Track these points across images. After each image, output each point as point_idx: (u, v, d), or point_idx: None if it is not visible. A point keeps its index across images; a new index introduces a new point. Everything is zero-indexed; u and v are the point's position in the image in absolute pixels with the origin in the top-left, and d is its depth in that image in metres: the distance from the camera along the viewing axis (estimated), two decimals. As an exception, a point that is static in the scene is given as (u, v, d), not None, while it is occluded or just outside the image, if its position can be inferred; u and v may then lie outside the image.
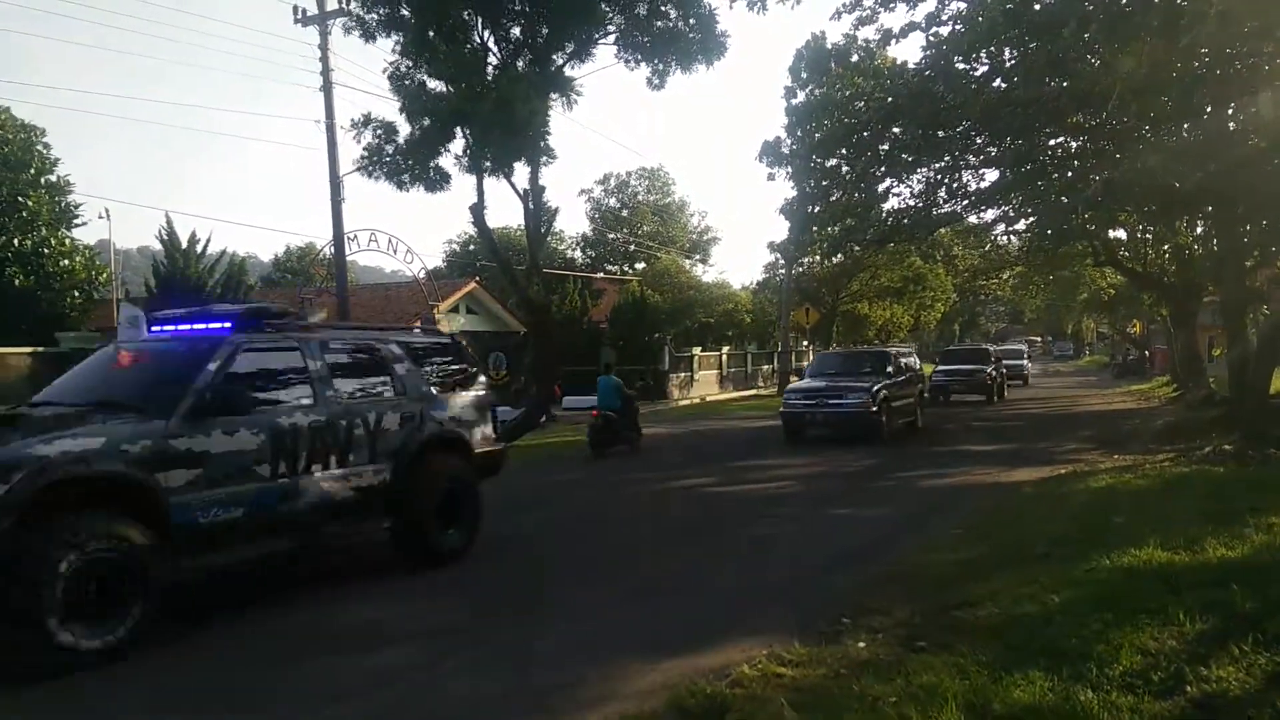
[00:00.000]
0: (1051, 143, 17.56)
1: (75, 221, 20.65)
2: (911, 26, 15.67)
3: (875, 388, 17.72)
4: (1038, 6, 13.56)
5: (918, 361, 23.45)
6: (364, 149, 18.22)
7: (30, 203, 18.94)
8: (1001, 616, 5.61)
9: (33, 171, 19.33)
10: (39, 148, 19.63)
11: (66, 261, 19.62)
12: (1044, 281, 41.39)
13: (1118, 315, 49.87)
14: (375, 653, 5.78)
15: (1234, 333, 17.80)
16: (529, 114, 16.65)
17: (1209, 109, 14.28)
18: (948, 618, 5.75)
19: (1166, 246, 26.37)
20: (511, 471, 15.28)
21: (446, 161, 18.58)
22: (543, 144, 18.05)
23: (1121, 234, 27.41)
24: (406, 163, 18.22)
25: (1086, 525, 8.21)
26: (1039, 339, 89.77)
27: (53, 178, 19.92)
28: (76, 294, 19.98)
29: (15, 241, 18.81)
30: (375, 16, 17.97)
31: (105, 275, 22.64)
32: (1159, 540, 6.93)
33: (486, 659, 5.63)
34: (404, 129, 18.29)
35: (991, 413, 26.07)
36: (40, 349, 17.00)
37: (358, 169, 18.26)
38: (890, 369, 19.04)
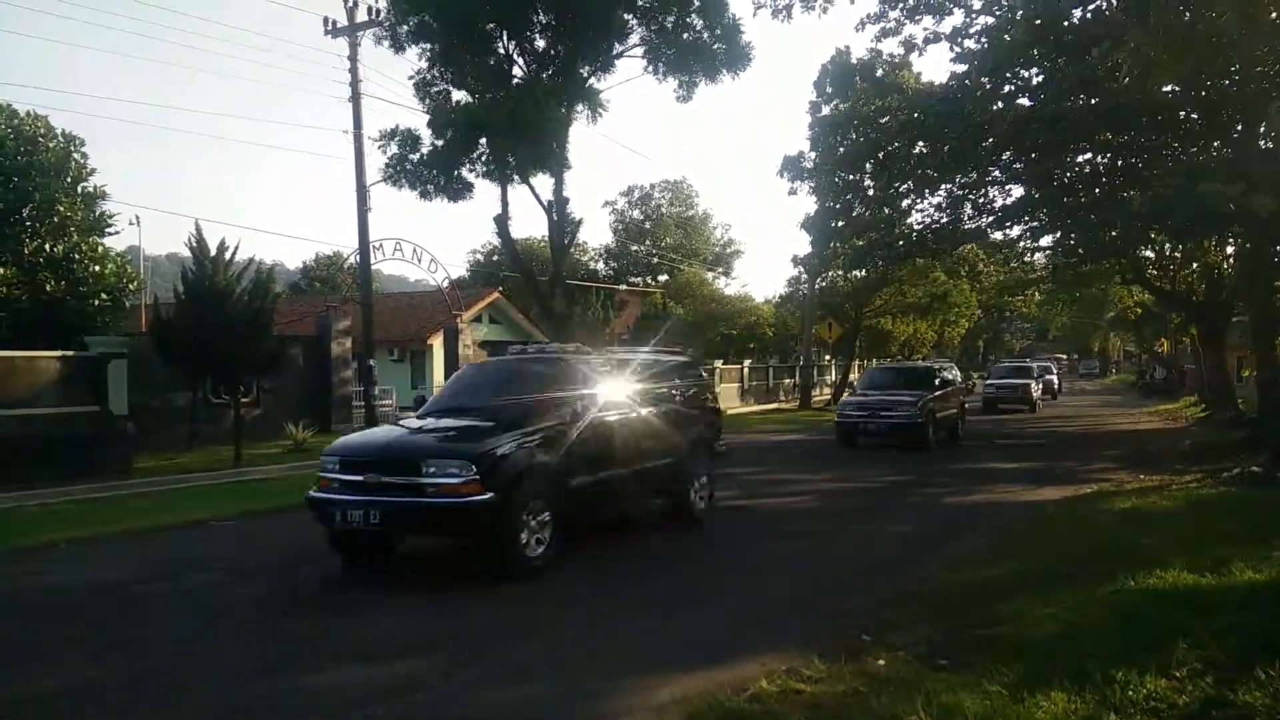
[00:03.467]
0: (1079, 160, 17.47)
1: (108, 230, 20.93)
2: (935, 38, 15.64)
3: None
4: (1067, 24, 13.49)
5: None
6: (389, 159, 18.40)
7: (63, 209, 19.21)
8: (1025, 636, 5.56)
9: (69, 179, 19.61)
10: (76, 156, 19.91)
11: (97, 268, 19.87)
12: (1070, 299, 41.15)
13: (1145, 334, 49.42)
14: (394, 662, 5.79)
15: (1263, 353, 17.58)
16: (550, 124, 16.75)
17: (1239, 127, 14.17)
18: (970, 636, 5.70)
19: (1195, 265, 26.12)
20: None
21: (470, 173, 18.73)
22: (564, 154, 18.12)
23: (1149, 252, 27.19)
24: (430, 173, 18.37)
25: (1112, 546, 8.13)
26: (1065, 357, 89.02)
27: (88, 186, 20.20)
28: (106, 299, 20.22)
29: (48, 247, 19.07)
30: (406, 28, 18.17)
31: (135, 281, 22.90)
32: (1185, 562, 6.85)
33: (504, 671, 5.63)
34: (428, 140, 18.45)
35: (1017, 430, 25.86)
36: (70, 353, 17.23)
37: (383, 179, 18.44)
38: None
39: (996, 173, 18.36)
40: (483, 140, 17.89)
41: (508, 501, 7.56)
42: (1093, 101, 14.11)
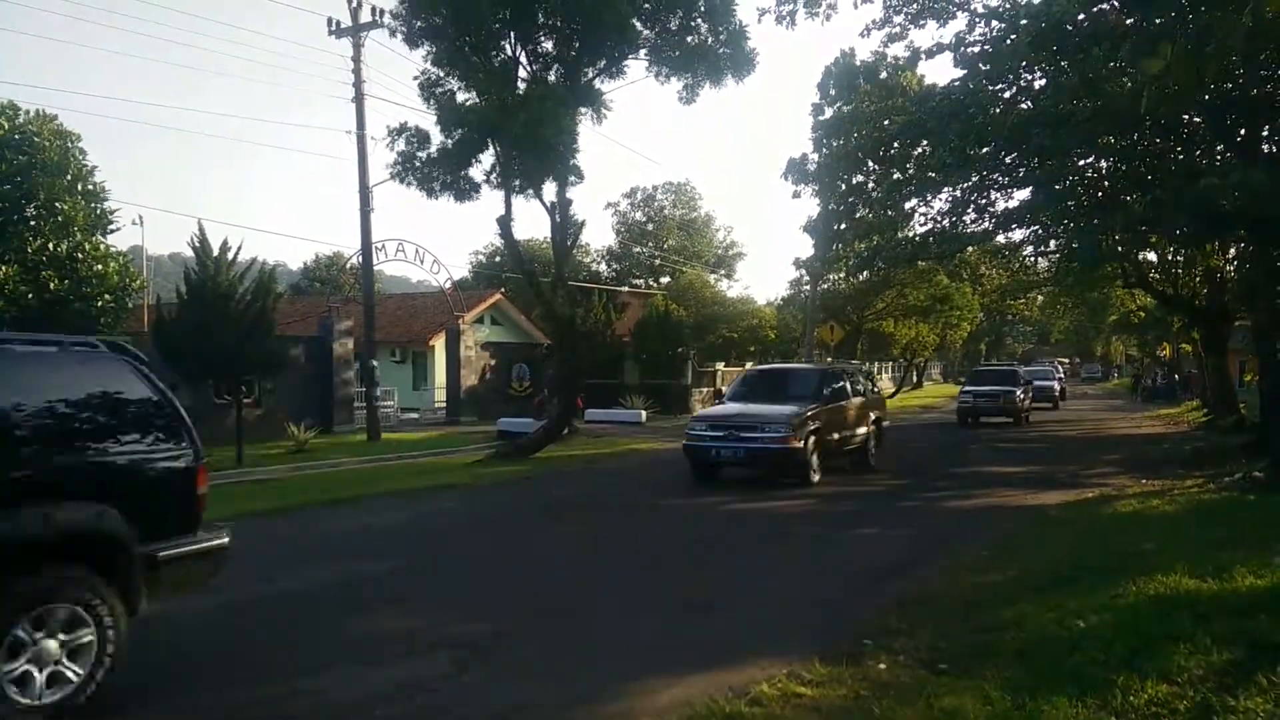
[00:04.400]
0: (1082, 163, 17.45)
1: (110, 227, 20.93)
2: (940, 48, 15.69)
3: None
4: (1070, 28, 13.49)
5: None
6: (397, 155, 18.40)
7: (66, 208, 19.23)
8: (1026, 641, 5.56)
9: (69, 177, 19.61)
10: (75, 154, 19.91)
11: (100, 266, 19.87)
12: (1073, 302, 41.15)
13: (1147, 338, 49.37)
14: (399, 663, 5.79)
15: (1266, 358, 17.56)
16: (558, 132, 16.75)
17: (1243, 131, 14.16)
18: (972, 641, 5.70)
19: (1198, 269, 26.10)
20: (532, 482, 15.40)
21: (476, 173, 18.75)
22: (572, 162, 18.12)
23: (1152, 256, 27.17)
24: (437, 171, 18.37)
25: (1114, 551, 8.13)
26: (1067, 360, 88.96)
27: (90, 185, 20.20)
28: (109, 298, 20.22)
29: (51, 246, 19.07)
30: (420, 23, 18.17)
31: (139, 281, 22.91)
32: (1187, 567, 6.85)
33: (507, 671, 5.64)
34: (436, 138, 18.47)
35: (1018, 434, 25.86)
36: (72, 352, 17.21)
37: (391, 175, 18.45)
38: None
39: (998, 176, 18.35)
40: (491, 144, 17.91)
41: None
42: (1096, 104, 14.11)
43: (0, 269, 18.29)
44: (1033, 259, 31.43)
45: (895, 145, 17.86)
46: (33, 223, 19.17)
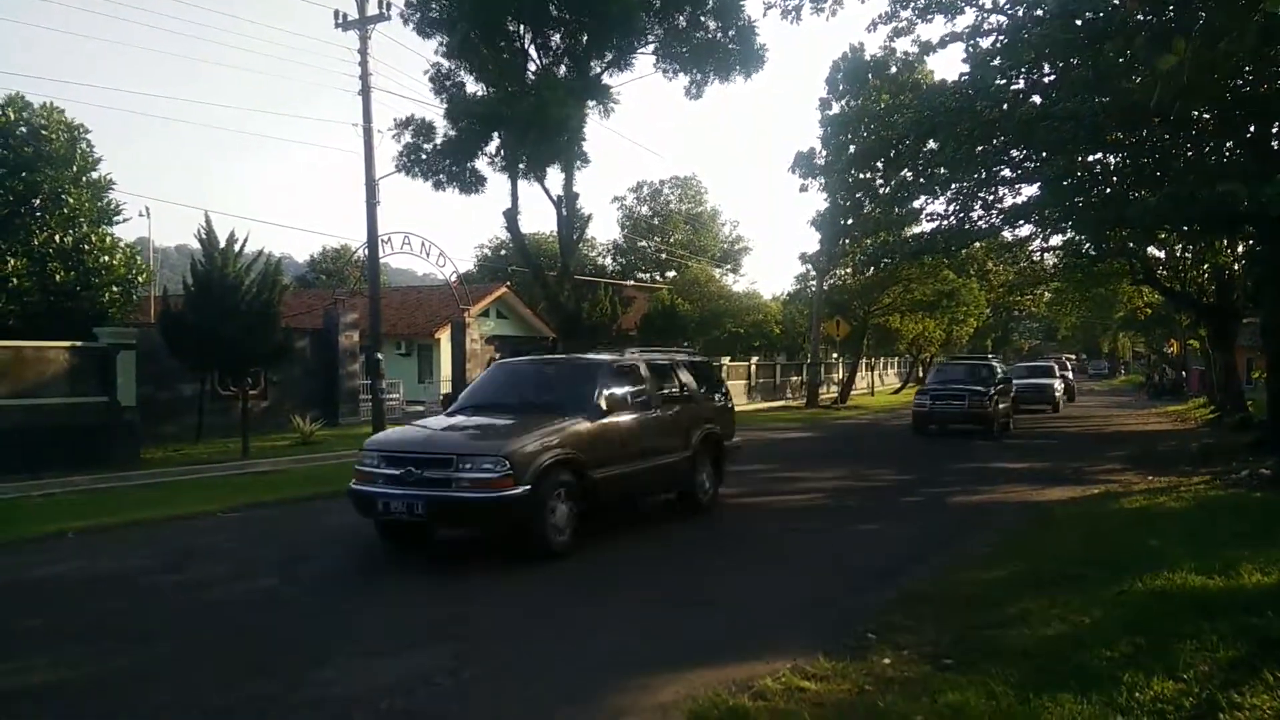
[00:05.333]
0: (1090, 159, 17.38)
1: (116, 219, 20.95)
2: (953, 37, 15.56)
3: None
4: (1079, 22, 13.42)
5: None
6: (404, 146, 18.45)
7: (71, 199, 19.25)
8: (1031, 637, 5.54)
9: (75, 169, 19.63)
10: (82, 145, 19.93)
11: (106, 258, 19.89)
12: (1080, 298, 41.03)
13: (1154, 335, 49.22)
14: (401, 656, 5.79)
15: (1274, 355, 17.49)
16: (565, 120, 16.76)
17: (1252, 127, 14.08)
18: (976, 637, 5.68)
19: (1206, 266, 26.01)
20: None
21: (482, 165, 18.79)
22: (577, 150, 18.14)
23: (1159, 252, 27.09)
24: (444, 163, 18.41)
25: (1120, 547, 8.10)
26: (1073, 357, 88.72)
27: (95, 175, 20.22)
28: (115, 290, 20.25)
29: (57, 237, 19.10)
30: (433, 13, 18.21)
31: (144, 273, 22.93)
32: (1193, 564, 6.83)
33: (510, 666, 5.63)
34: (443, 130, 18.50)
35: (1023, 430, 25.75)
36: (78, 344, 17.26)
37: (397, 168, 18.50)
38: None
39: (1006, 171, 18.28)
40: (497, 134, 17.92)
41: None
42: (1104, 100, 14.03)
43: (8, 261, 18.33)
44: (1040, 254, 31.36)
45: (905, 142, 17.78)
46: (39, 214, 19.21)
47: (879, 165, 19.21)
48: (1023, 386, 32.06)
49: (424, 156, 18.44)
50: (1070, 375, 45.33)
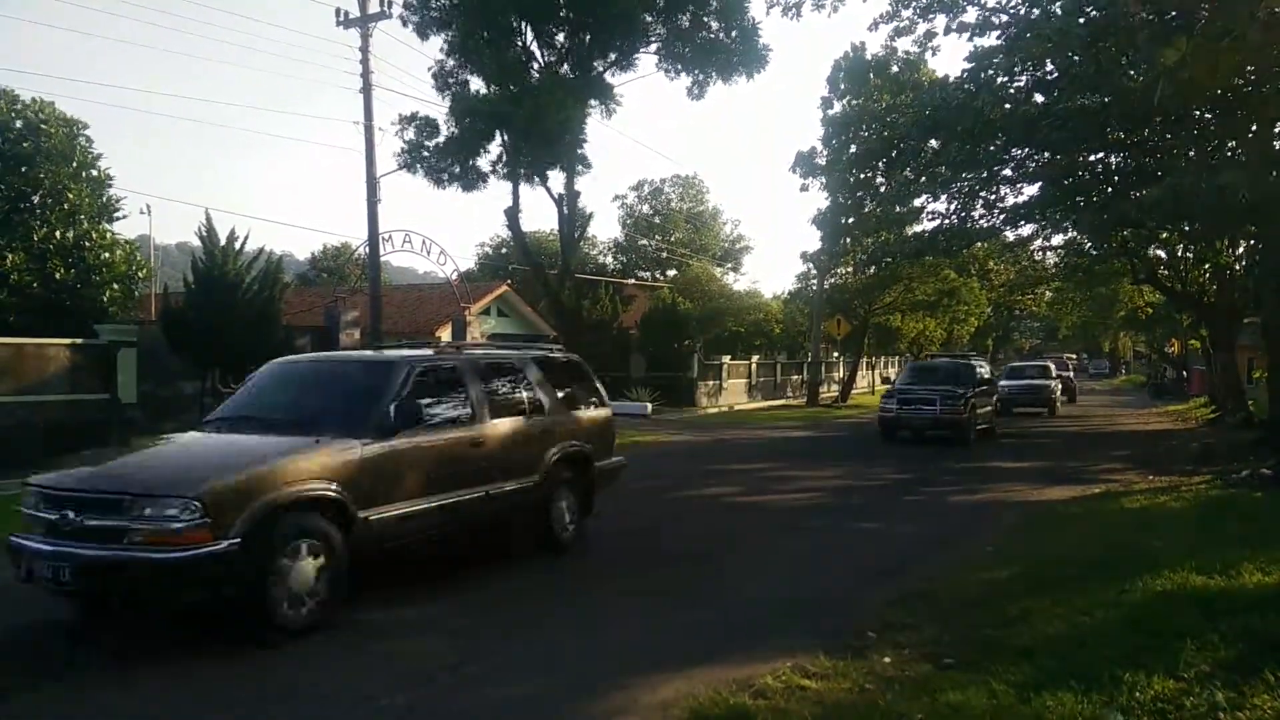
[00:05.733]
0: (1092, 158, 17.37)
1: (116, 215, 20.96)
2: (963, 27, 15.49)
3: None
4: (1082, 20, 13.41)
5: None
6: (406, 144, 18.43)
7: (72, 195, 19.24)
8: (1032, 637, 5.53)
9: (74, 165, 19.61)
10: (81, 141, 19.91)
11: (107, 255, 19.88)
12: (1081, 298, 41.02)
13: (1155, 334, 49.19)
14: (400, 654, 5.79)
15: (1275, 355, 17.48)
16: (567, 120, 16.75)
17: (1254, 127, 14.06)
18: (977, 636, 5.68)
19: (1207, 266, 25.99)
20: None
21: (484, 164, 18.77)
22: (579, 151, 18.13)
23: (1160, 252, 27.08)
24: (446, 160, 18.39)
25: (1121, 547, 8.09)
26: (1074, 356, 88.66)
27: (94, 171, 20.22)
28: (116, 287, 20.24)
29: (57, 234, 19.09)
30: (435, 13, 18.21)
31: (145, 270, 22.93)
32: (1194, 564, 6.82)
33: (512, 663, 5.63)
34: (445, 127, 18.48)
35: (1022, 429, 25.74)
36: (79, 341, 17.25)
37: (399, 165, 18.47)
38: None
39: (1008, 170, 18.28)
40: (499, 133, 17.92)
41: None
42: (1105, 99, 14.02)
43: (7, 257, 18.32)
44: (1041, 253, 31.36)
45: (906, 141, 17.76)
46: (39, 210, 19.20)
47: (880, 165, 19.20)
48: (1015, 388, 31.73)
49: (426, 154, 18.43)
50: (1070, 375, 44.44)
